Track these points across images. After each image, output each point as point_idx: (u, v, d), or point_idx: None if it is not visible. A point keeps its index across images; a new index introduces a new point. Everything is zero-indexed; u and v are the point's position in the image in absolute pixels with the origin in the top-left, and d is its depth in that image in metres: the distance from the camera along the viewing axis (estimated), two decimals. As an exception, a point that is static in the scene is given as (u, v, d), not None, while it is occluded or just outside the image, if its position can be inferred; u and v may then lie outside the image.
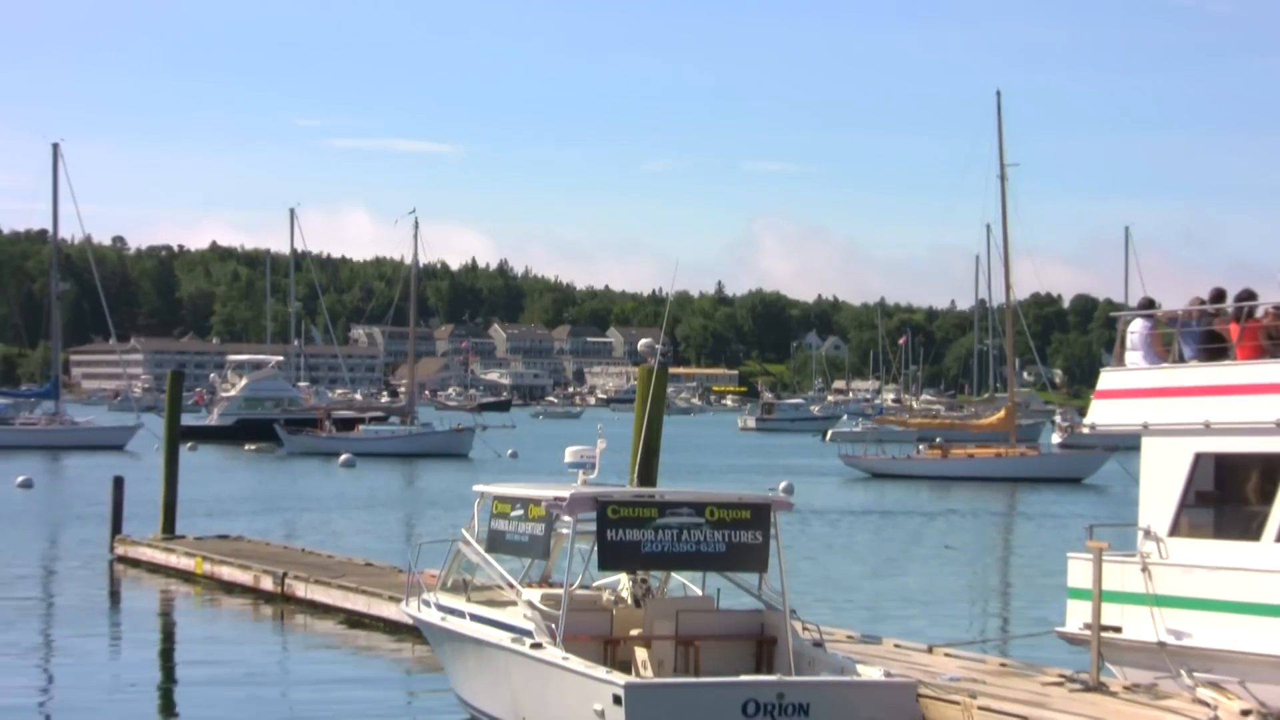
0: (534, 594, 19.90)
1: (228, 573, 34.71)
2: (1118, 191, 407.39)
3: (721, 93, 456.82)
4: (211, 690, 24.03)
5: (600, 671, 18.14)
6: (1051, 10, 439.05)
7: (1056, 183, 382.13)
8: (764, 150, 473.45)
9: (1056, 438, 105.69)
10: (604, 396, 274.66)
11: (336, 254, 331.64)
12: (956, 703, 18.51)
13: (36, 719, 22.19)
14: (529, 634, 19.19)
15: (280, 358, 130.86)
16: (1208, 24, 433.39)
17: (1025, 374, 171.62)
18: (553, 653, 18.69)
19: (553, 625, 19.05)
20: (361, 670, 25.94)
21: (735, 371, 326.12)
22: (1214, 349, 20.95)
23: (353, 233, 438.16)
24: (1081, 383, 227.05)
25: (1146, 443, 21.20)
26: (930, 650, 22.69)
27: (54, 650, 28.22)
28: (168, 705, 23.53)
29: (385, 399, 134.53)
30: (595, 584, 21.17)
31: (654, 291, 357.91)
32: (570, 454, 21.25)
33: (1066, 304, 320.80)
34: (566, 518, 19.77)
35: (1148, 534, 20.53)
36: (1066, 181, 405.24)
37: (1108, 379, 22.38)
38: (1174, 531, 20.40)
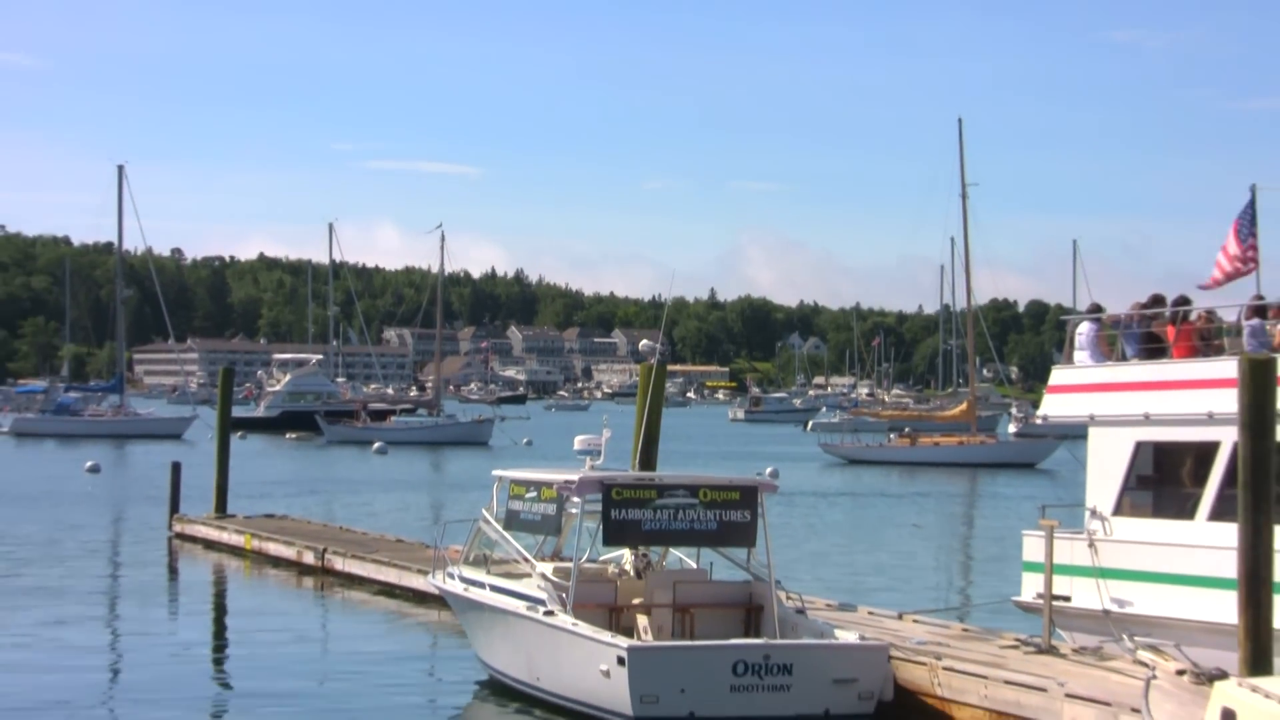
0: (547, 567, 19.91)
1: (273, 548, 34.74)
2: (1066, 208, 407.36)
3: (711, 120, 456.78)
4: (258, 654, 24.04)
5: (606, 636, 18.17)
6: (1008, 45, 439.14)
7: (1012, 200, 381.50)
8: (749, 171, 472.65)
9: (1012, 427, 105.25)
10: (609, 391, 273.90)
11: (370, 264, 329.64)
12: (923, 663, 18.50)
13: (104, 680, 22.20)
14: (542, 603, 19.21)
15: (320, 356, 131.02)
16: (1144, 60, 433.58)
17: (985, 371, 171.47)
18: (563, 619, 18.72)
19: (563, 595, 19.07)
20: (392, 636, 25.95)
21: (726, 369, 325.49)
22: (1153, 349, 20.98)
23: (384, 245, 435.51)
24: (1035, 379, 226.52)
25: (1093, 432, 21.22)
26: (900, 617, 22.66)
27: (119, 618, 28.26)
28: (220, 668, 23.55)
29: (414, 393, 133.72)
30: (601, 558, 21.17)
31: (653, 297, 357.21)
32: (579, 442, 21.23)
33: (1021, 308, 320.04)
34: (575, 499, 19.77)
35: (1094, 513, 20.56)
36: (1021, 199, 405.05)
37: (1058, 375, 22.39)
38: (1117, 511, 20.43)
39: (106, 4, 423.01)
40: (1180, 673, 14.99)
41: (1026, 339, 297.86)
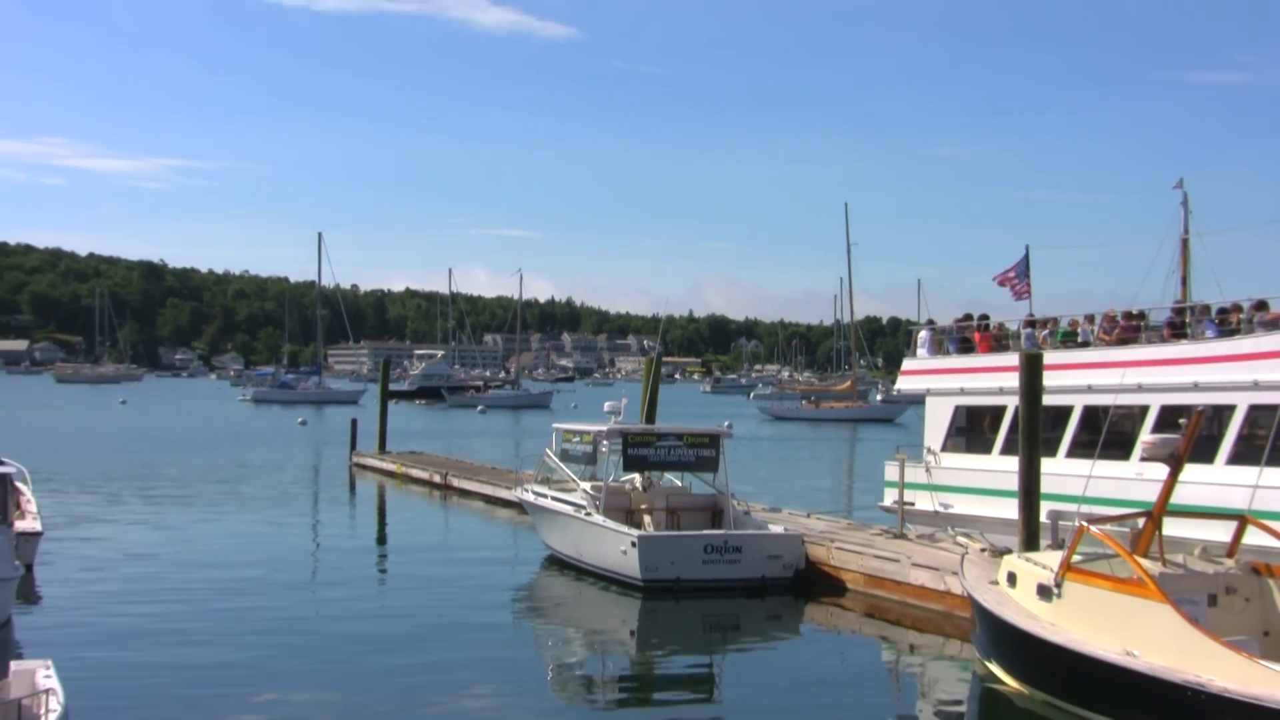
0: (587, 485, 20.00)
1: (415, 472, 34.81)
2: (912, 258, 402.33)
3: (686, 202, 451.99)
4: (403, 539, 24.15)
5: (624, 528, 18.26)
6: (875, 155, 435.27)
7: (879, 252, 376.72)
8: (709, 235, 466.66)
9: (879, 397, 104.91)
10: (625, 375, 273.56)
11: (473, 294, 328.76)
12: (823, 545, 18.58)
13: (305, 558, 22.29)
14: (584, 508, 19.30)
15: (443, 352, 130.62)
16: (960, 165, 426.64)
17: (862, 361, 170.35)
18: (598, 518, 18.81)
19: (597, 502, 19.17)
20: (489, 528, 26.02)
21: (699, 360, 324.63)
22: (965, 347, 21.04)
23: (479, 282, 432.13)
24: (893, 366, 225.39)
25: (929, 400, 21.27)
26: (809, 516, 22.76)
27: (318, 519, 28.29)
28: (380, 548, 23.61)
29: (502, 375, 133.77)
30: (621, 479, 21.27)
31: (653, 314, 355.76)
32: (607, 406, 21.31)
33: (884, 321, 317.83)
34: (605, 442, 19.89)
35: (929, 450, 20.62)
36: (884, 252, 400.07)
37: (907, 364, 22.44)
38: (944, 449, 20.49)
39: (303, 128, 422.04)
40: (983, 550, 15.07)
41: (888, 341, 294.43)
